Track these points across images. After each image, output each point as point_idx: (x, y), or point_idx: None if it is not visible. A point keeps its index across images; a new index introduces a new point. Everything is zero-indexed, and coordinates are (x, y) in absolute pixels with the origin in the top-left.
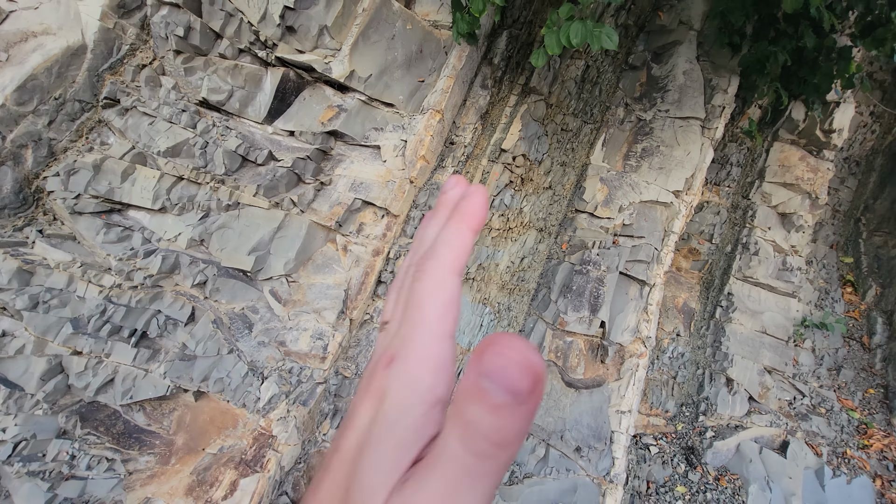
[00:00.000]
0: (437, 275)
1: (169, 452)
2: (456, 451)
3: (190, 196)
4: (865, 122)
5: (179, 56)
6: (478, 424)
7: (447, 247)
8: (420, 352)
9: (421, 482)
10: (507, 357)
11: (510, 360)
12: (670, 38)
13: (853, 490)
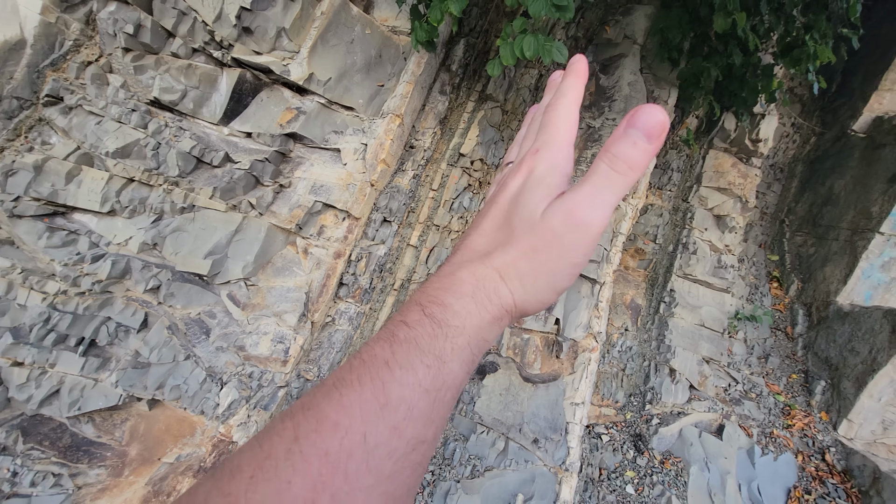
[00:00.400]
0: (566, 104)
1: (122, 464)
2: (603, 169)
3: (141, 198)
4: (787, 132)
5: (128, 54)
6: (622, 154)
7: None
8: (559, 146)
9: (577, 187)
10: (646, 114)
11: (648, 115)
12: (616, 51)
13: (779, 466)
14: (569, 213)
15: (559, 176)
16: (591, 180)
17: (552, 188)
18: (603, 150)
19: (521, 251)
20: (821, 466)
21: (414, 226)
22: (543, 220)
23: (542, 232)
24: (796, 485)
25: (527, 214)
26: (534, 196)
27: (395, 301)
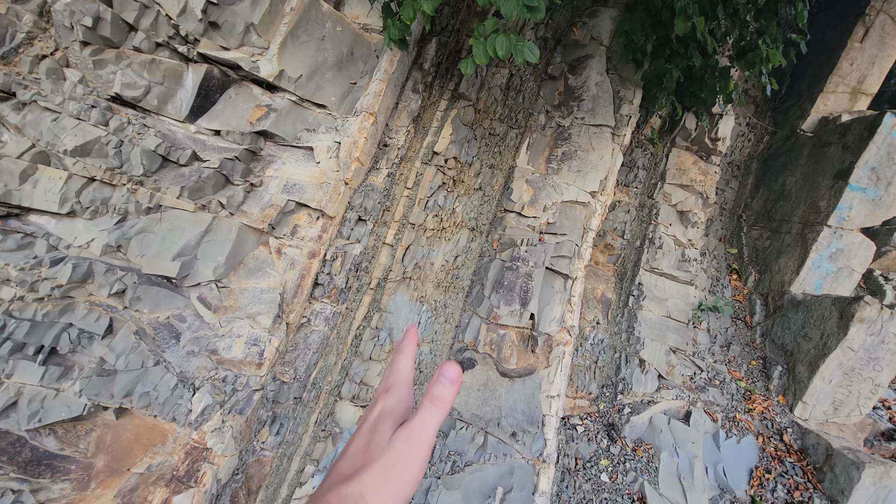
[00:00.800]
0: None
1: (88, 477)
2: (427, 405)
3: (104, 199)
4: (743, 132)
5: (87, 48)
6: (438, 393)
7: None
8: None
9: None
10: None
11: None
12: (583, 52)
13: (742, 448)
14: (407, 437)
15: (403, 408)
16: (421, 413)
17: (398, 419)
18: (426, 392)
19: (376, 471)
20: (779, 447)
21: (389, 224)
22: (391, 444)
23: (389, 454)
24: (758, 465)
25: (379, 440)
26: (384, 426)
27: (372, 300)
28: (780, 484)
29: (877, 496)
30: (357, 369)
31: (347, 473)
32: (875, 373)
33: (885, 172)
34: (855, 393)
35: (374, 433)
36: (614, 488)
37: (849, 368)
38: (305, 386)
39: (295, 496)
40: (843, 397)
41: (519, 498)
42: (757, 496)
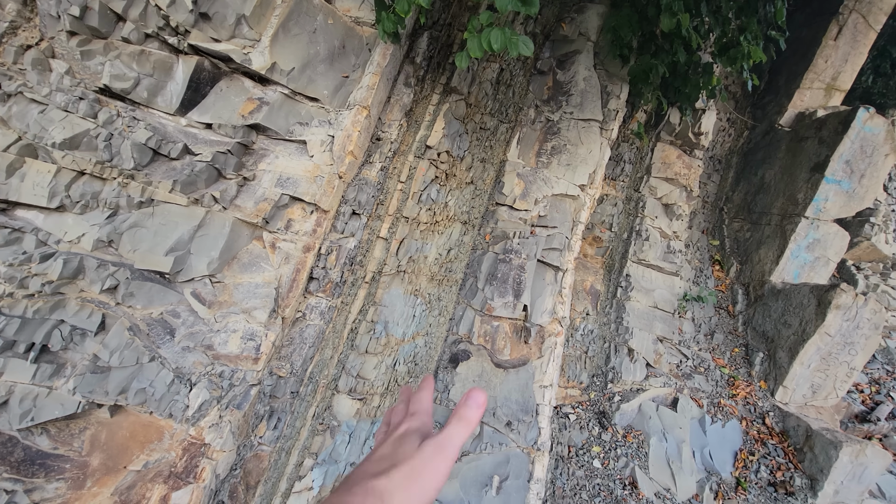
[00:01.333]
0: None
1: (83, 475)
2: (455, 422)
3: (94, 193)
4: (724, 126)
5: (74, 38)
6: (465, 415)
7: (426, 385)
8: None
9: (438, 434)
10: (476, 394)
11: (477, 395)
12: (572, 48)
13: (727, 432)
14: (437, 446)
15: (425, 430)
16: (448, 428)
17: (423, 436)
18: (454, 413)
19: (403, 471)
20: (762, 430)
21: (383, 218)
22: (420, 450)
23: (418, 458)
24: (742, 448)
25: (408, 448)
26: (411, 439)
27: (367, 294)
28: (764, 465)
29: (853, 473)
30: (353, 362)
31: (373, 472)
32: (850, 357)
33: (859, 165)
34: (832, 376)
35: (401, 443)
36: (606, 474)
37: (826, 353)
38: (302, 380)
39: (294, 489)
40: (821, 381)
41: (515, 485)
42: (742, 477)
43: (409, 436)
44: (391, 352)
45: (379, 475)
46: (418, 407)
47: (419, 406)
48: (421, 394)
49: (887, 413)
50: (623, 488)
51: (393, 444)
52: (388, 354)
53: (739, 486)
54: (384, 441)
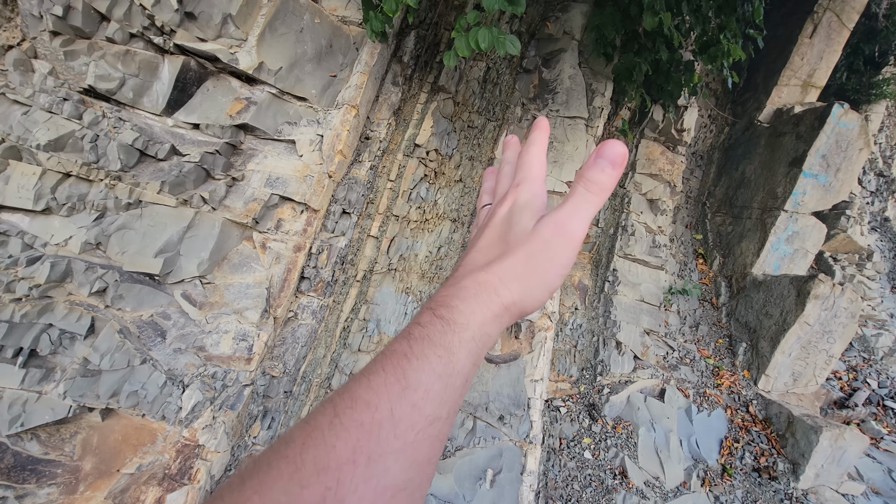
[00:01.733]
0: (536, 151)
1: (75, 480)
2: (581, 191)
3: (80, 195)
4: (705, 123)
5: (57, 38)
6: (594, 178)
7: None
8: (535, 180)
9: (560, 206)
10: (610, 148)
11: (612, 148)
12: (557, 46)
13: (712, 421)
14: (557, 224)
15: (538, 202)
16: (572, 200)
17: (536, 211)
18: (578, 175)
19: (518, 259)
20: (746, 417)
21: (373, 217)
22: (535, 231)
23: (535, 241)
24: (727, 435)
25: (520, 230)
26: (523, 217)
27: (359, 292)
28: (748, 451)
29: (833, 456)
30: (346, 361)
31: (483, 262)
32: (829, 345)
33: (835, 159)
34: (812, 364)
35: (511, 223)
36: (597, 464)
37: (806, 342)
38: (295, 380)
39: None
40: (802, 369)
41: (508, 478)
42: (727, 464)
43: (519, 213)
44: None
45: (490, 265)
46: (527, 172)
47: (528, 171)
48: (529, 154)
49: (864, 399)
50: (613, 478)
51: (501, 225)
52: None
53: (725, 473)
54: (489, 222)
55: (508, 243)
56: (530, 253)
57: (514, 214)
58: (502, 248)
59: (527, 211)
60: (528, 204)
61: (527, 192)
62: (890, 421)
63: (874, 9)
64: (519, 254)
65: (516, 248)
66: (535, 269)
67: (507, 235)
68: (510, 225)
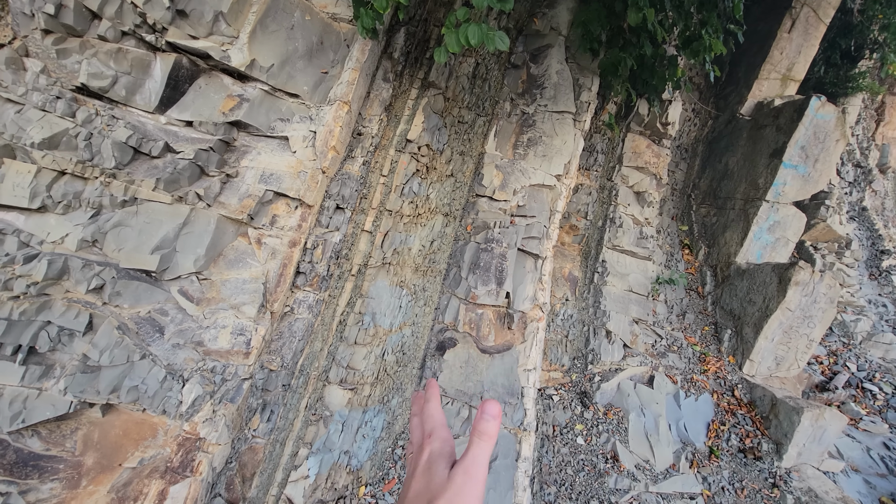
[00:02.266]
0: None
1: (78, 475)
2: (476, 441)
3: (76, 192)
4: (689, 116)
5: (49, 36)
6: (483, 430)
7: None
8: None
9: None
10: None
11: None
12: (544, 42)
13: (699, 405)
14: (465, 472)
15: (448, 448)
16: (472, 449)
17: (448, 456)
18: (473, 430)
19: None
20: (731, 401)
21: (367, 211)
22: (450, 480)
23: (451, 488)
24: (714, 419)
25: (438, 480)
26: (439, 466)
27: (354, 286)
28: (734, 433)
29: (814, 435)
30: (343, 354)
31: None
32: (809, 329)
33: (813, 150)
34: (793, 349)
35: (431, 475)
36: (589, 449)
37: (788, 327)
38: (293, 373)
39: (291, 479)
40: (784, 353)
41: (504, 465)
42: (714, 446)
43: (435, 464)
44: (379, 342)
45: None
46: (433, 423)
47: (433, 421)
48: (430, 406)
49: (844, 382)
50: (605, 462)
51: (422, 476)
52: (376, 345)
53: (712, 454)
54: (413, 472)
55: (432, 492)
56: (450, 499)
57: (432, 465)
58: (428, 496)
59: (441, 459)
60: (441, 452)
61: (437, 440)
62: (868, 402)
63: (849, 4)
64: (442, 501)
65: (439, 496)
66: None
67: (429, 485)
68: (430, 474)
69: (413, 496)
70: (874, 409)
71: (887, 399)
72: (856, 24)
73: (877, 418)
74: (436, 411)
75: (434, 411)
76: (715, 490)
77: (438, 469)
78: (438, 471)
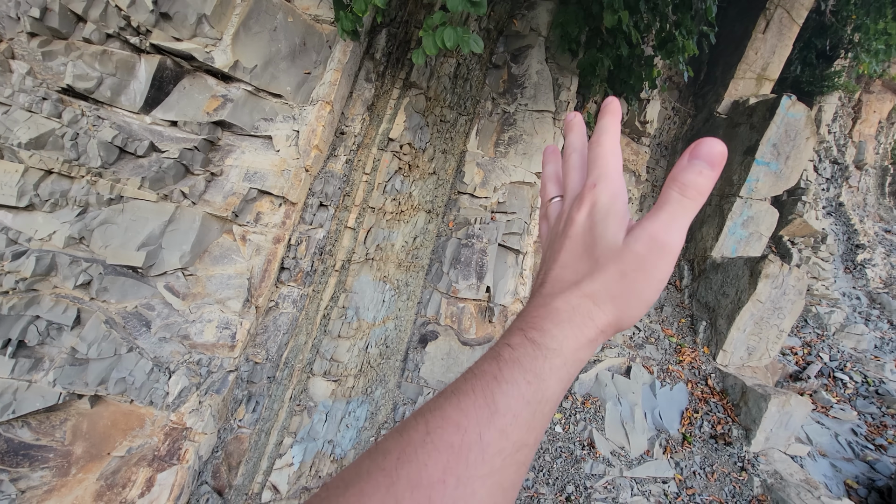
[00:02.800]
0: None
1: (67, 463)
2: (675, 196)
3: (63, 191)
4: (669, 115)
5: (34, 39)
6: (690, 182)
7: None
8: (612, 177)
9: (653, 215)
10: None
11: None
12: (524, 42)
13: (674, 394)
14: (651, 238)
15: (620, 203)
16: (666, 208)
17: (620, 216)
18: (670, 179)
19: (610, 276)
20: (705, 390)
21: (350, 209)
22: (627, 246)
23: (627, 257)
24: (688, 407)
25: (607, 244)
26: (608, 227)
27: (337, 281)
28: (706, 420)
29: (781, 421)
30: (327, 346)
31: (571, 281)
32: (779, 320)
33: (784, 148)
34: (764, 339)
35: (596, 236)
36: (567, 437)
37: (759, 318)
38: (278, 365)
39: (275, 466)
40: (755, 343)
41: None
42: (687, 433)
43: (602, 220)
44: (363, 335)
45: (580, 284)
46: (602, 168)
47: (604, 166)
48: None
49: (816, 371)
50: (582, 448)
51: (583, 235)
52: (360, 338)
53: (685, 441)
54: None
55: (597, 259)
56: (623, 271)
57: (597, 223)
58: (590, 263)
59: (611, 218)
60: (609, 208)
61: (606, 192)
62: (839, 391)
63: (822, 6)
64: (611, 272)
65: (607, 265)
66: (630, 287)
67: (593, 249)
68: (594, 236)
69: (568, 261)
70: (844, 397)
71: (857, 387)
72: (830, 25)
73: (846, 406)
74: (609, 151)
75: (606, 151)
76: (687, 474)
77: (609, 229)
78: (608, 232)
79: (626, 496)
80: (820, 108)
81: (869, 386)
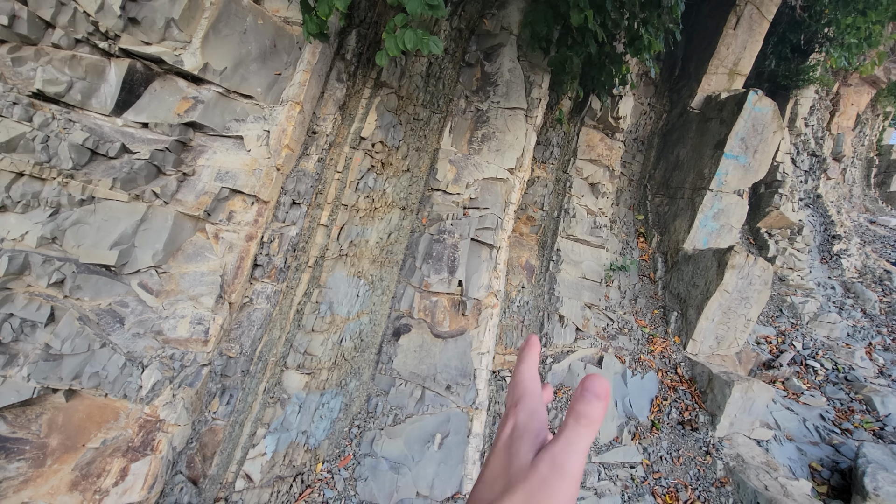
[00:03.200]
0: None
1: (43, 455)
2: (572, 424)
3: (34, 192)
4: (645, 111)
5: (3, 45)
6: (583, 412)
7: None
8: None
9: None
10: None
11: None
12: (496, 41)
13: (645, 383)
14: (552, 459)
15: (537, 421)
16: (566, 433)
17: (534, 435)
18: (569, 410)
19: (519, 499)
20: (674, 378)
21: (323, 206)
22: (534, 466)
23: (533, 479)
24: (657, 395)
25: (520, 463)
26: (522, 445)
27: (311, 277)
28: (674, 408)
29: (744, 406)
30: (301, 341)
31: (489, 500)
32: (746, 309)
33: (752, 142)
34: (732, 328)
35: (512, 455)
36: None
37: (726, 308)
38: (252, 359)
39: (249, 456)
40: (724, 332)
41: (455, 441)
42: (656, 419)
43: (518, 441)
44: (337, 329)
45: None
46: (521, 390)
47: (522, 389)
48: (521, 371)
49: (789, 359)
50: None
51: (502, 455)
52: (333, 332)
53: (654, 427)
54: (494, 451)
55: (510, 479)
56: (530, 493)
57: (514, 441)
58: (504, 482)
59: (525, 436)
60: (526, 427)
61: (524, 411)
62: (810, 378)
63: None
64: (520, 494)
65: (516, 487)
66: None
67: (509, 467)
68: (510, 455)
69: (489, 478)
70: (815, 384)
71: (827, 374)
72: (802, 20)
73: (816, 392)
74: (527, 376)
75: (524, 375)
76: (654, 459)
77: (521, 449)
78: (521, 452)
79: (594, 481)
80: (796, 101)
81: (839, 373)
